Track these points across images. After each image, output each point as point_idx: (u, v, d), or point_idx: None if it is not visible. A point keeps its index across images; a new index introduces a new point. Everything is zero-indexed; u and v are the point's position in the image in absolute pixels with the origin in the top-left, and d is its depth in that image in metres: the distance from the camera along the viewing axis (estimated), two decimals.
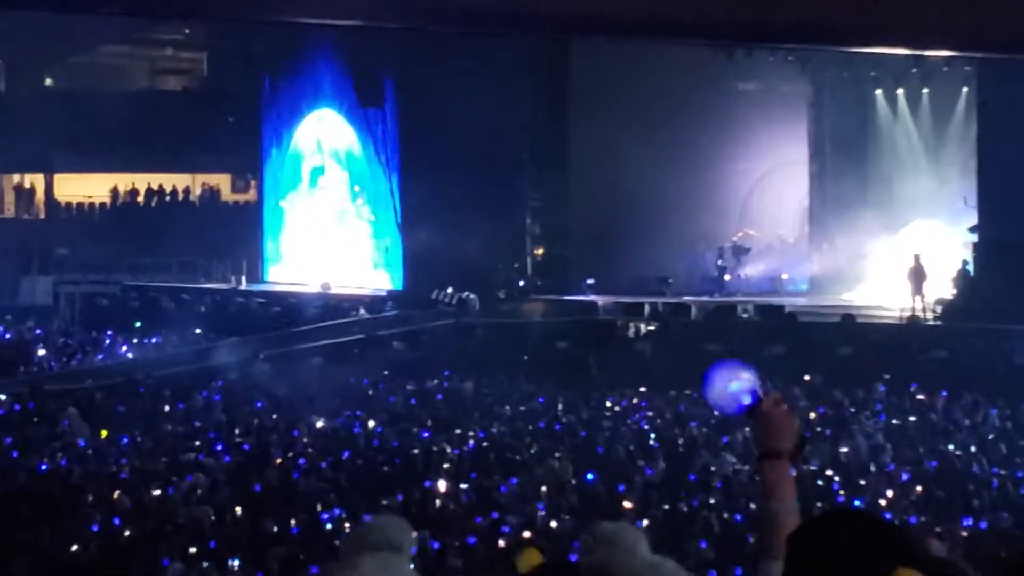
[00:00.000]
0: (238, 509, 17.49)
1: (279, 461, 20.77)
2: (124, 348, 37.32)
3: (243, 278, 44.40)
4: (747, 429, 16.11)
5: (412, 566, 3.27)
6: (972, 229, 35.31)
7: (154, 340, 38.40)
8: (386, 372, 31.10)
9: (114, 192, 52.26)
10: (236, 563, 15.03)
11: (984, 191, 34.70)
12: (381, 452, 21.81)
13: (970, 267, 34.43)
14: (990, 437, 22.86)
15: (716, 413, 24.08)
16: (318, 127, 45.61)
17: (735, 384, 4.40)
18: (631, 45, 34.12)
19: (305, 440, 22.95)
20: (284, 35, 43.03)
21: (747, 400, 4.34)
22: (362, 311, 37.95)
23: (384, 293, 40.20)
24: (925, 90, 40.38)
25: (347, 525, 16.34)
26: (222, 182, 53.48)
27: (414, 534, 3.31)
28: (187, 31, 52.02)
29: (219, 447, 22.26)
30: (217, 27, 46.69)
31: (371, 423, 24.29)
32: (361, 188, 43.90)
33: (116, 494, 18.53)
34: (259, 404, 26.81)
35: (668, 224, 39.85)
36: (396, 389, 29.04)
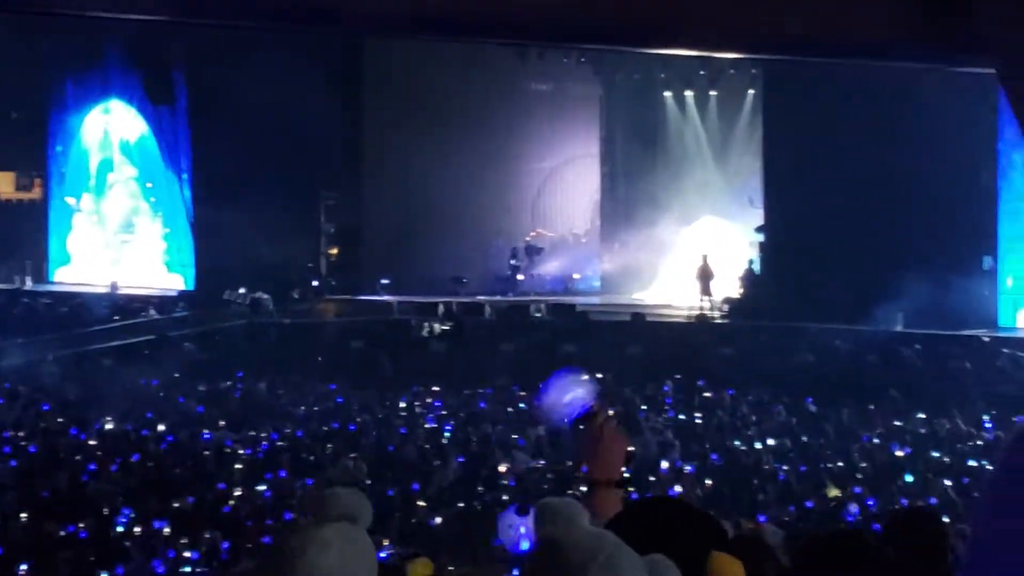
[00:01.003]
0: (24, 514, 17.18)
1: (67, 464, 20.44)
2: None
3: (28, 279, 43.46)
4: (540, 428, 16.27)
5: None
6: (758, 229, 36.14)
7: None
8: (177, 374, 30.74)
9: None
10: (24, 568, 14.79)
11: (769, 192, 35.53)
12: (172, 454, 21.60)
13: (756, 266, 35.24)
14: (775, 433, 23.38)
15: (531, 415, 24.37)
16: (107, 121, 44.46)
17: (570, 395, 4.44)
18: (423, 43, 34.22)
19: (94, 443, 22.61)
20: (72, 29, 42.19)
21: (578, 409, 4.37)
22: (152, 312, 37.43)
23: (175, 293, 39.68)
24: (713, 93, 41.19)
25: (137, 529, 16.19)
26: (5, 180, 52.27)
27: (370, 507, 3.46)
28: None
29: (6, 450, 21.83)
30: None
31: (162, 425, 24.01)
32: (153, 185, 43.13)
33: None
34: (46, 406, 26.31)
35: (462, 224, 40.04)
36: (188, 390, 28.74)
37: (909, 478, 19.10)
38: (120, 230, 44.38)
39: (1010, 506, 1.77)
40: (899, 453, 21.41)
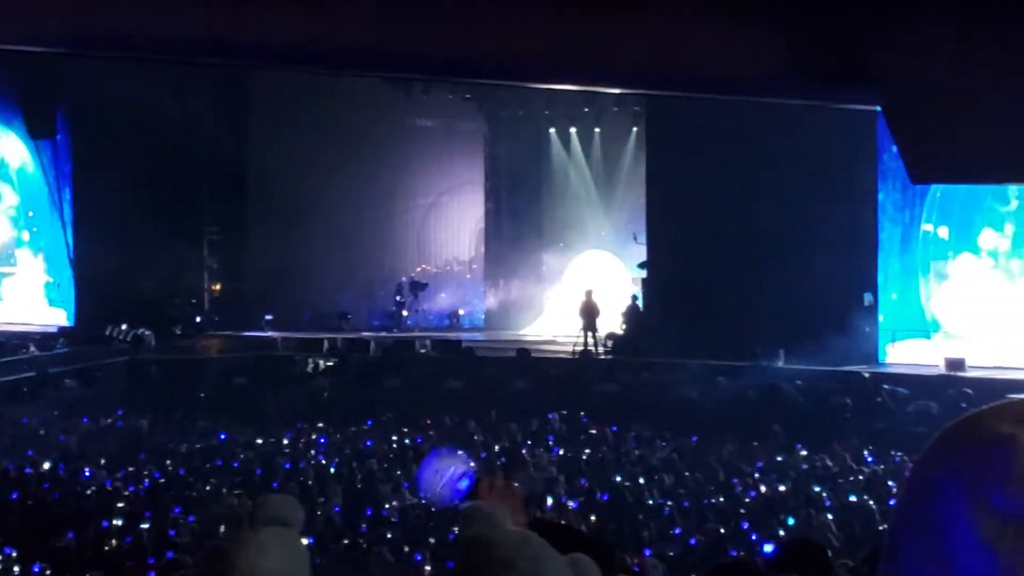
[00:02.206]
0: None
1: None
2: None
3: None
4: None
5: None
6: (641, 265, 36.39)
7: None
8: (56, 412, 30.32)
9: None
10: None
11: (652, 228, 35.79)
12: (53, 492, 21.29)
13: (639, 302, 35.47)
14: (659, 468, 23.49)
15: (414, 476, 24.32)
16: None
17: (447, 473, 4.43)
18: (307, 76, 34.14)
19: None
20: None
21: (464, 485, 4.37)
22: (32, 348, 36.89)
23: (56, 329, 39.14)
24: (597, 129, 41.50)
25: (16, 568, 15.93)
26: None
27: (302, 511, 3.60)
28: None
29: None
30: None
31: (46, 464, 23.67)
32: (35, 215, 42.43)
33: None
34: None
35: (347, 259, 39.96)
36: (69, 428, 28.36)
37: (791, 516, 19.25)
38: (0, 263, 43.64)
39: (918, 520, 1.81)
40: (782, 488, 21.57)
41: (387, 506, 20.24)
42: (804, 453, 24.74)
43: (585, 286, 36.16)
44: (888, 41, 5.51)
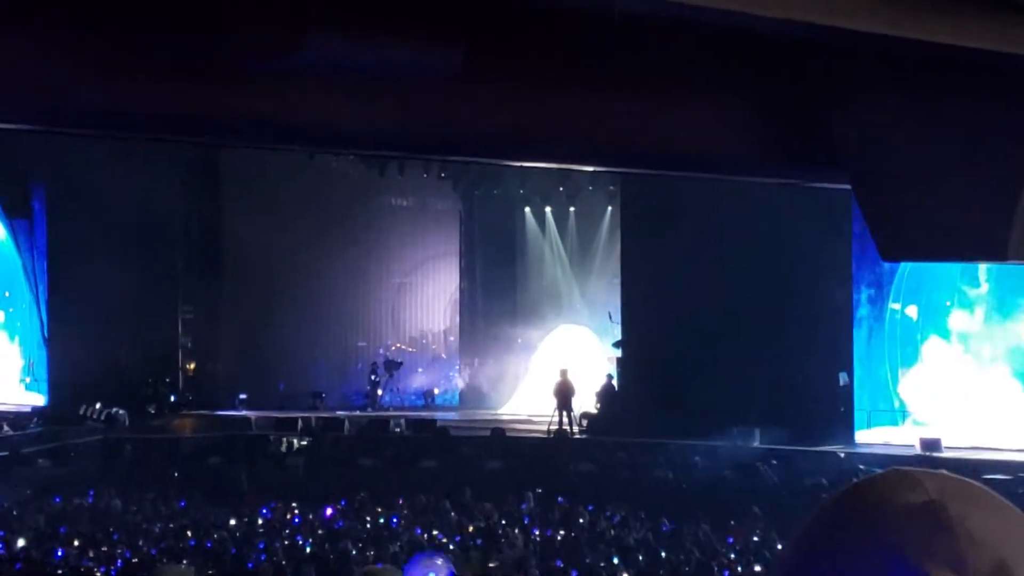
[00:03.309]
0: None
1: None
2: None
3: None
4: (398, 543, 16.16)
5: None
6: (616, 344, 36.41)
7: None
8: (29, 491, 30.12)
9: None
10: None
11: (626, 307, 35.84)
12: (26, 572, 21.11)
13: (615, 381, 35.45)
14: (634, 549, 23.40)
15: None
16: None
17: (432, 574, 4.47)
18: (281, 155, 34.26)
19: None
20: None
21: None
22: (5, 428, 36.69)
23: (29, 409, 38.93)
24: (572, 208, 41.65)
25: None
26: None
27: None
28: None
29: None
30: None
31: (19, 542, 23.50)
32: (11, 294, 42.28)
33: None
34: None
35: (322, 338, 39.94)
36: (41, 507, 28.16)
37: None
38: None
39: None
40: (757, 569, 21.49)
41: None
42: (780, 534, 24.66)
43: (560, 365, 36.14)
44: (856, 120, 5.56)
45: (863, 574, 1.76)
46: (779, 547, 23.53)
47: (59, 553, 22.54)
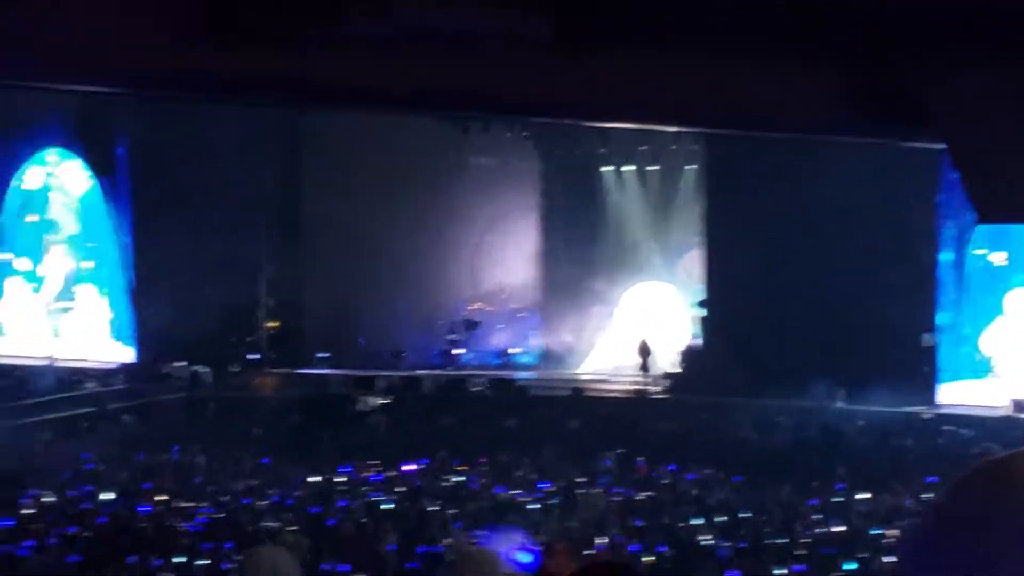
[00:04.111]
0: None
1: (4, 537, 20.15)
2: None
3: None
4: (478, 502, 16.18)
5: None
6: (700, 304, 36.23)
7: None
8: (116, 447, 30.45)
9: None
10: None
11: (709, 266, 35.64)
12: (110, 527, 21.34)
13: (696, 341, 35.31)
14: (715, 509, 23.32)
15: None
16: (49, 171, 43.35)
17: (513, 553, 4.48)
18: (365, 115, 34.23)
19: (33, 514, 22.32)
20: (12, 108, 41.84)
21: (528, 560, 4.42)
22: (92, 384, 37.12)
23: (115, 366, 39.32)
24: (653, 167, 41.41)
25: None
26: None
27: (298, 569, 3.66)
28: None
29: None
30: None
31: (102, 496, 23.76)
32: (98, 245, 42.46)
33: None
34: None
35: (402, 297, 39.98)
36: (127, 463, 28.46)
37: (851, 559, 19.05)
38: (60, 297, 43.73)
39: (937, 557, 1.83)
40: (840, 529, 21.38)
41: (442, 545, 20.16)
42: (865, 495, 24.50)
43: (640, 323, 36.02)
44: (951, 79, 5.44)
45: (1007, 551, 1.74)
46: (863, 509, 23.38)
47: (144, 509, 22.78)
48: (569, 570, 4.44)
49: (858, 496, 24.41)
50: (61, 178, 43.06)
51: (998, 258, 31.74)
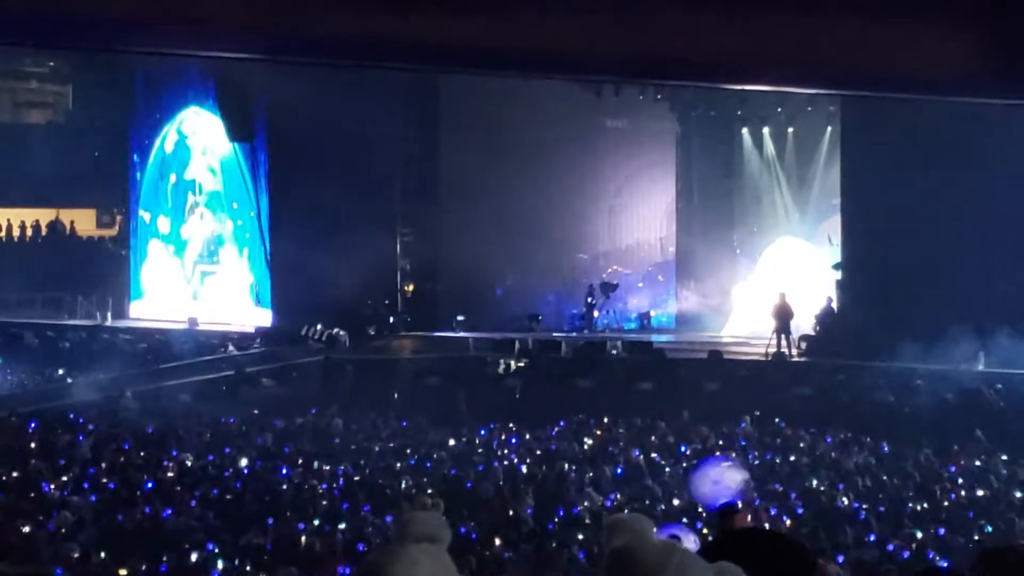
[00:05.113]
0: (103, 550, 17.22)
1: (146, 499, 20.51)
2: None
3: (108, 314, 43.70)
4: (617, 468, 16.14)
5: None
6: (836, 266, 35.89)
7: (18, 377, 37.75)
8: (255, 410, 30.87)
9: None
10: None
11: (848, 229, 35.26)
12: (250, 490, 21.64)
13: (835, 303, 34.99)
14: (854, 473, 23.15)
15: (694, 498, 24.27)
16: (189, 130, 43.95)
17: (723, 482, 4.48)
18: (498, 80, 34.20)
19: (172, 477, 22.69)
20: (153, 70, 42.53)
21: (726, 500, 4.41)
22: (231, 348, 37.64)
23: (253, 330, 39.82)
24: (790, 129, 41.09)
25: (219, 563, 16.20)
26: (87, 217, 52.68)
27: (449, 529, 3.85)
28: (52, 64, 51.02)
29: (85, 485, 21.93)
30: (83, 60, 45.85)
31: (242, 461, 24.09)
32: (239, 206, 42.77)
33: None
34: (126, 443, 26.44)
35: (538, 260, 40.06)
36: (265, 426, 28.84)
37: (990, 523, 18.83)
38: (201, 259, 44.34)
39: None
40: (981, 494, 21.13)
41: (578, 507, 20.22)
42: (1004, 458, 24.19)
43: (778, 286, 35.76)
44: None
45: None
46: (1003, 472, 23.08)
47: (283, 471, 23.07)
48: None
49: (999, 460, 24.11)
50: (203, 140, 43.52)
51: None
